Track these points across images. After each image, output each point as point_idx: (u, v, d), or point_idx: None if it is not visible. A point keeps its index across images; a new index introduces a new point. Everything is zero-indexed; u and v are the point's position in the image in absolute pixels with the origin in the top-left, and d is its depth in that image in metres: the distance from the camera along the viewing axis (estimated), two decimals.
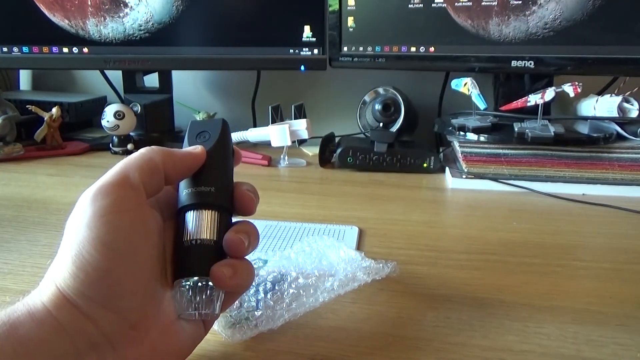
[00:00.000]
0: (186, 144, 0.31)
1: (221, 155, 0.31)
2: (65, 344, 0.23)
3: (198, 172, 0.29)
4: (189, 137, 0.32)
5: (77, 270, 0.24)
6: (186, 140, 0.32)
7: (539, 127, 0.68)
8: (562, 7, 0.71)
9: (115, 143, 0.84)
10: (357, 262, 0.39)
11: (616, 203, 0.61)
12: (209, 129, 0.31)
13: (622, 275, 0.42)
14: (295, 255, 0.41)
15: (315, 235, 0.47)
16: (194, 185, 0.29)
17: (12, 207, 0.57)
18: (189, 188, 0.29)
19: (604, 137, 0.69)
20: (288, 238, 0.48)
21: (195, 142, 0.31)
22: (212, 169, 0.30)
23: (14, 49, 0.86)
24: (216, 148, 0.30)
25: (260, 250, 0.44)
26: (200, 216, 0.29)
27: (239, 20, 0.85)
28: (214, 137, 0.31)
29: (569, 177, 0.67)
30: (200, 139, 0.31)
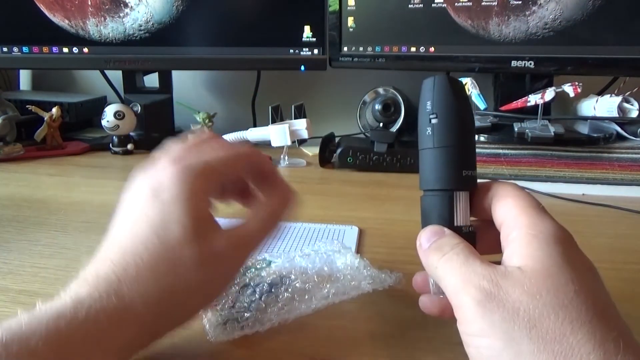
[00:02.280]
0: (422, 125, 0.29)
1: (467, 132, 0.29)
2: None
3: (465, 153, 0.28)
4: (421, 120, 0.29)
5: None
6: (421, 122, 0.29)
7: (539, 127, 0.68)
8: (562, 7, 0.71)
9: (115, 143, 0.84)
10: (360, 271, 0.39)
11: (616, 203, 0.60)
12: (434, 106, 0.28)
13: (622, 275, 0.42)
14: (299, 259, 0.41)
15: (324, 240, 0.47)
16: (468, 168, 0.28)
17: (12, 207, 0.57)
18: (466, 169, 0.28)
19: (604, 137, 0.69)
20: (288, 238, 0.48)
21: (428, 125, 0.28)
22: (474, 149, 0.29)
23: (14, 49, 0.86)
24: (463, 127, 0.28)
25: (265, 250, 0.44)
26: (465, 200, 0.28)
27: (239, 20, 0.85)
28: (442, 116, 0.28)
29: (569, 177, 0.67)
30: (431, 125, 0.28)
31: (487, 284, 0.22)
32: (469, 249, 0.25)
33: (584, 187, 0.66)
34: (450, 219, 0.28)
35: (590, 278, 0.23)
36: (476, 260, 0.24)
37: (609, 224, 0.55)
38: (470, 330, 0.23)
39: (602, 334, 0.20)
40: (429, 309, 0.29)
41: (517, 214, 0.25)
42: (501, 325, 0.21)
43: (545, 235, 0.23)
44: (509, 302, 0.21)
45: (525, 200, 0.26)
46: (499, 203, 0.27)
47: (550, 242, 0.23)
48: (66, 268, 0.42)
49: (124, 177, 0.30)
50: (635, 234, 0.52)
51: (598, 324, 0.21)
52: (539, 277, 0.22)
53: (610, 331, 0.21)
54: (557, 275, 0.22)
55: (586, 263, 0.24)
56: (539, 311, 0.21)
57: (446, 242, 0.26)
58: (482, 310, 0.22)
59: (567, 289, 0.21)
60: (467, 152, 0.28)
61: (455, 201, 0.28)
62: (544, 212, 0.25)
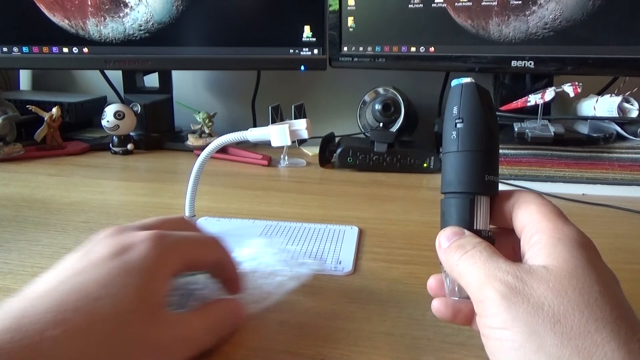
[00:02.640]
0: (447, 129, 0.29)
1: (492, 139, 0.29)
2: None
3: (488, 159, 0.28)
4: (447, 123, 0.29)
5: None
6: (445, 125, 0.29)
7: (539, 127, 0.68)
8: (562, 7, 0.71)
9: (115, 143, 0.84)
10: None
11: (616, 203, 0.60)
12: (460, 111, 0.29)
13: (622, 275, 0.42)
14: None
15: (324, 240, 0.47)
16: (490, 173, 0.28)
17: (12, 207, 0.57)
18: (488, 175, 0.28)
19: (604, 137, 0.69)
20: (288, 238, 0.48)
21: (453, 130, 0.29)
22: (497, 155, 0.29)
23: (14, 49, 0.87)
24: (488, 133, 0.28)
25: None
26: (486, 205, 0.28)
27: (239, 20, 0.85)
28: (468, 121, 0.28)
29: (569, 177, 0.67)
30: (456, 129, 0.28)
31: (511, 279, 0.23)
32: (491, 247, 0.26)
33: (584, 187, 0.66)
34: (470, 222, 0.28)
35: (613, 283, 0.24)
36: (500, 258, 0.25)
37: (609, 224, 0.55)
38: (493, 322, 0.23)
39: (627, 334, 0.21)
40: (442, 313, 0.29)
41: (539, 220, 0.26)
42: (525, 319, 0.22)
43: (570, 239, 0.24)
44: (534, 297, 0.22)
45: (548, 207, 0.26)
46: (521, 209, 0.27)
47: (575, 246, 0.24)
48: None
49: (124, 177, 0.30)
50: (635, 234, 0.52)
51: (623, 325, 0.21)
52: (564, 276, 0.22)
53: (634, 333, 0.21)
54: (582, 276, 0.22)
55: (608, 269, 0.24)
56: (563, 308, 0.21)
57: (468, 241, 0.26)
58: (506, 303, 0.22)
59: (592, 290, 0.22)
60: (490, 158, 0.29)
61: (475, 205, 0.28)
62: (566, 218, 0.26)
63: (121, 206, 0.58)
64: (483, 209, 0.28)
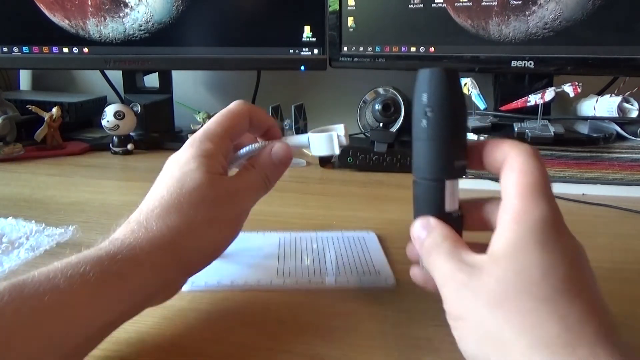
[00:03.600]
0: (417, 117, 0.30)
1: (461, 124, 0.30)
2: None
3: (458, 145, 0.29)
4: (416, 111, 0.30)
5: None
6: (415, 113, 0.30)
7: (539, 127, 0.68)
8: (562, 7, 0.71)
9: (115, 143, 0.84)
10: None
11: (616, 203, 0.60)
12: (430, 99, 0.29)
13: (622, 275, 0.42)
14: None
15: (347, 247, 0.45)
16: (459, 159, 0.29)
17: (12, 207, 0.57)
18: (457, 160, 0.29)
19: (604, 137, 0.69)
20: (310, 250, 0.45)
21: (423, 117, 0.29)
22: (466, 138, 0.30)
23: (14, 49, 0.87)
24: (457, 121, 0.29)
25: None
26: (455, 188, 0.30)
27: (239, 20, 0.85)
28: (437, 109, 0.29)
29: (569, 177, 0.67)
30: (426, 117, 0.29)
31: (462, 276, 0.25)
32: (453, 245, 0.27)
33: (584, 187, 0.66)
34: (442, 206, 0.30)
35: (569, 259, 0.24)
36: (457, 256, 0.26)
37: (609, 224, 0.55)
38: (450, 315, 0.26)
39: (566, 309, 0.22)
40: (416, 279, 0.32)
41: (514, 196, 0.26)
42: (472, 309, 0.24)
43: (530, 222, 0.24)
44: (478, 288, 0.24)
45: (528, 178, 0.26)
46: (506, 175, 0.27)
47: (531, 229, 0.24)
48: None
49: (124, 177, 0.31)
50: (635, 234, 0.52)
51: (562, 301, 0.22)
52: (507, 263, 0.24)
53: (572, 306, 0.22)
54: (525, 259, 0.23)
55: (568, 245, 0.25)
56: (504, 293, 0.23)
57: (434, 241, 0.28)
58: (455, 299, 0.25)
59: (532, 271, 0.23)
60: (459, 143, 0.30)
61: (446, 189, 0.29)
62: (542, 193, 0.25)
63: (121, 206, 0.58)
64: (453, 192, 0.30)
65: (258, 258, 0.43)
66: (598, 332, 0.22)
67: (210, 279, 0.38)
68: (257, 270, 0.40)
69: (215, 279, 0.38)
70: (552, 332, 0.21)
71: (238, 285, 0.38)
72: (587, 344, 0.21)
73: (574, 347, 0.21)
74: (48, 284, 0.25)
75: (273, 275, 0.39)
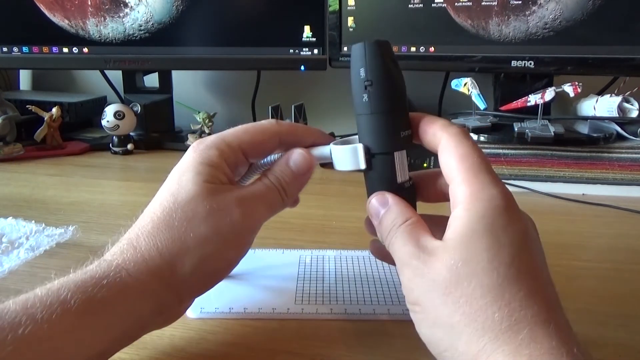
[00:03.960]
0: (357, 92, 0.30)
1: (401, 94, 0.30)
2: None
3: (401, 116, 0.30)
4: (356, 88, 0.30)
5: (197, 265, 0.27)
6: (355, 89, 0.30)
7: (539, 127, 0.68)
8: (562, 7, 0.71)
9: (115, 143, 0.84)
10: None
11: (616, 203, 0.60)
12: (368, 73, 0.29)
13: (622, 275, 0.42)
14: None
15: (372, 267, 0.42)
16: (404, 129, 0.30)
17: (12, 207, 0.57)
18: (403, 131, 0.29)
19: (604, 137, 0.69)
20: (328, 273, 0.40)
21: (364, 92, 0.29)
22: (405, 111, 0.30)
23: (14, 49, 0.86)
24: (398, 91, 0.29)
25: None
26: (404, 158, 0.30)
27: (238, 20, 0.85)
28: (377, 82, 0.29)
29: (569, 177, 0.67)
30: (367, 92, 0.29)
31: (416, 262, 0.25)
32: (412, 227, 0.27)
33: (584, 187, 0.66)
34: (394, 178, 0.30)
35: (516, 243, 0.24)
36: (415, 239, 0.26)
37: (609, 224, 0.55)
38: (407, 301, 0.26)
39: (510, 294, 0.23)
40: (375, 253, 0.33)
41: (460, 182, 0.26)
42: (425, 295, 0.25)
43: (478, 210, 0.25)
44: (430, 275, 0.25)
45: (468, 161, 0.26)
46: (444, 159, 0.28)
47: (479, 217, 0.25)
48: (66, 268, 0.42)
49: (124, 177, 0.31)
50: (635, 234, 0.52)
51: (508, 286, 0.23)
52: (456, 250, 0.24)
53: (518, 291, 0.23)
54: (474, 247, 0.24)
55: (516, 228, 0.25)
56: (454, 280, 0.24)
57: (393, 221, 0.28)
58: (411, 285, 0.26)
59: (480, 259, 0.24)
60: (403, 114, 0.30)
61: (395, 161, 0.30)
62: (486, 175, 0.26)
63: (121, 206, 0.58)
64: (402, 163, 0.30)
65: (275, 280, 0.39)
66: (539, 314, 0.23)
67: (221, 304, 0.35)
68: (274, 296, 0.37)
69: (226, 304, 0.35)
70: (496, 318, 0.22)
71: (251, 313, 0.35)
72: (528, 327, 0.22)
73: (516, 331, 0.22)
74: (25, 314, 0.23)
75: (291, 302, 0.36)
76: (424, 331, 0.25)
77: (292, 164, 0.31)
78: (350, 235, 0.50)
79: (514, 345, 0.22)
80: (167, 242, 0.27)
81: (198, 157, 0.29)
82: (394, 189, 0.30)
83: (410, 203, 0.30)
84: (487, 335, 0.22)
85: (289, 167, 0.31)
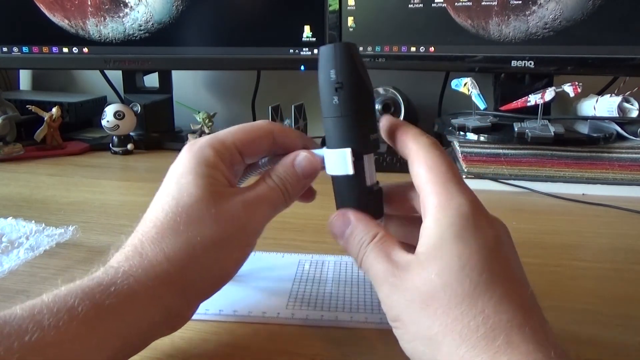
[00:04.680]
0: (325, 94, 0.30)
1: (370, 97, 0.30)
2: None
3: (370, 118, 0.30)
4: (327, 89, 0.30)
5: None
6: (324, 91, 0.30)
7: (539, 127, 0.68)
8: (562, 7, 0.71)
9: (115, 143, 0.84)
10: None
11: (616, 203, 0.60)
12: (339, 75, 0.29)
13: (622, 275, 0.42)
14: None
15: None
16: (373, 132, 0.30)
17: (12, 207, 0.57)
18: (372, 134, 0.30)
19: (604, 137, 0.69)
20: (325, 280, 0.39)
21: (334, 95, 0.29)
22: (374, 114, 0.31)
23: (14, 49, 0.86)
24: (368, 94, 0.30)
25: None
26: (372, 161, 0.30)
27: (238, 20, 0.85)
28: (348, 84, 0.29)
29: (569, 177, 0.67)
30: (337, 94, 0.29)
31: (392, 279, 0.25)
32: (382, 243, 0.27)
33: (584, 187, 0.66)
34: (362, 181, 0.30)
35: (487, 249, 0.24)
36: (387, 255, 0.26)
37: (609, 224, 0.55)
38: (389, 317, 0.26)
39: (484, 301, 0.23)
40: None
41: (429, 193, 0.26)
42: (404, 310, 0.25)
43: (447, 220, 0.25)
44: (407, 291, 0.25)
45: (436, 172, 0.27)
46: (414, 171, 0.28)
47: (448, 226, 0.25)
48: (66, 268, 0.42)
49: (123, 177, 0.31)
50: (635, 234, 0.52)
51: (481, 293, 0.23)
52: (429, 262, 0.25)
53: (491, 297, 0.23)
54: (445, 257, 0.24)
55: (486, 234, 0.25)
56: (430, 293, 0.24)
57: (361, 240, 0.28)
58: (390, 302, 0.26)
59: (451, 268, 0.24)
60: (372, 117, 0.30)
61: (365, 165, 0.29)
62: (454, 184, 0.26)
63: (121, 206, 0.58)
64: (370, 165, 0.30)
65: (270, 284, 0.39)
66: (514, 318, 0.23)
67: (212, 306, 0.35)
68: (266, 299, 0.36)
69: (217, 306, 0.35)
70: (472, 326, 0.23)
71: (241, 316, 0.34)
72: (504, 333, 0.22)
73: (492, 338, 0.22)
74: (32, 321, 0.22)
75: (282, 306, 0.35)
76: (406, 346, 0.26)
77: (298, 166, 0.31)
78: None
79: (491, 352, 0.22)
80: (174, 247, 0.27)
81: (194, 158, 0.28)
82: (363, 192, 0.30)
83: (378, 206, 0.30)
84: (464, 345, 0.23)
85: (294, 168, 0.31)
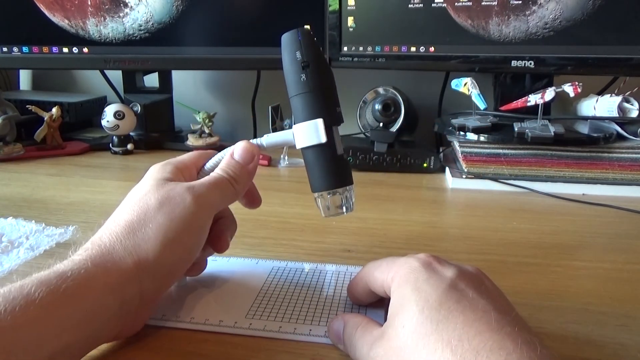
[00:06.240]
0: (291, 79, 0.34)
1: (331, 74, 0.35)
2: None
3: (334, 93, 0.35)
4: (293, 71, 0.34)
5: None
6: (291, 76, 0.34)
7: (539, 127, 0.68)
8: (562, 7, 0.71)
9: (115, 143, 0.84)
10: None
11: (616, 203, 0.60)
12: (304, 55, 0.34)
13: (622, 275, 0.42)
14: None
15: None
16: (337, 106, 0.34)
17: (12, 207, 0.57)
18: (337, 107, 0.34)
19: (604, 137, 0.69)
20: (293, 288, 0.38)
21: (301, 73, 0.33)
22: (336, 89, 0.35)
23: (14, 49, 0.86)
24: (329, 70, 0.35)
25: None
26: (339, 133, 0.34)
27: (239, 20, 0.85)
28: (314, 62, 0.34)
29: (569, 177, 0.67)
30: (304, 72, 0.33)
31: (375, 349, 0.27)
32: (363, 328, 0.29)
33: (584, 187, 0.66)
34: (334, 151, 0.34)
35: (442, 288, 0.27)
36: (367, 337, 0.28)
37: (609, 224, 0.55)
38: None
39: (447, 333, 0.24)
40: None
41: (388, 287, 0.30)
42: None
43: (401, 279, 0.29)
44: (389, 352, 0.26)
45: (410, 276, 0.29)
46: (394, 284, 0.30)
47: (403, 281, 0.28)
48: None
49: (124, 177, 0.31)
50: (635, 234, 0.52)
51: (444, 328, 0.24)
52: (395, 318, 0.27)
53: (454, 328, 0.24)
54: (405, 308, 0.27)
55: (438, 277, 0.28)
56: (402, 344, 0.26)
57: (349, 337, 0.30)
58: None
59: (413, 315, 0.26)
60: (335, 92, 0.34)
61: (334, 134, 0.34)
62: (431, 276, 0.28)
63: None
64: (338, 136, 0.34)
65: (236, 290, 0.38)
66: (485, 341, 0.23)
67: (170, 312, 0.34)
68: (226, 307, 0.35)
69: (174, 312, 0.34)
70: (444, 358, 0.23)
71: (197, 324, 0.33)
72: (472, 357, 0.23)
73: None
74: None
75: (241, 315, 0.34)
76: None
77: (237, 156, 0.35)
78: (350, 235, 0.51)
79: None
80: (128, 234, 0.30)
81: (155, 173, 0.34)
82: (335, 159, 0.34)
83: (348, 174, 0.35)
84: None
85: (233, 158, 0.35)
